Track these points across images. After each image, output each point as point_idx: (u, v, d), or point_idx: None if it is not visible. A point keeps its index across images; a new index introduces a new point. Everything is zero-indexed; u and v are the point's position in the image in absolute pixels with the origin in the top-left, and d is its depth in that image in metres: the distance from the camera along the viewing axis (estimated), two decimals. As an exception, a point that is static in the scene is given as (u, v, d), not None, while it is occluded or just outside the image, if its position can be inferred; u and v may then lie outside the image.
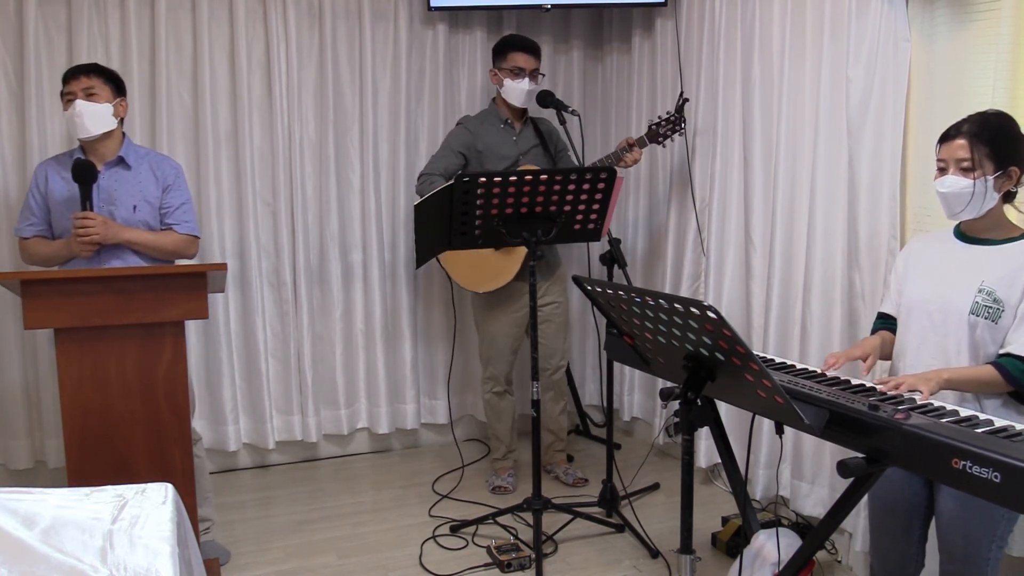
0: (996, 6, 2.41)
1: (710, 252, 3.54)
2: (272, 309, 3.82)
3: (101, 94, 2.74)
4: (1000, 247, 2.04)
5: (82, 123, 2.70)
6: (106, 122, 2.75)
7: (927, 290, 2.11)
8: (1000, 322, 1.97)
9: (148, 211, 2.82)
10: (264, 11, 3.66)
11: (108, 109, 2.75)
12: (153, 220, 2.83)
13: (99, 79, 2.76)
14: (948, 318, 2.05)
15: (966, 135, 1.99)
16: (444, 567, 2.95)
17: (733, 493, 2.87)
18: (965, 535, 2.00)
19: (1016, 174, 1.99)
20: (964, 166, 1.98)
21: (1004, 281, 1.98)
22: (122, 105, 2.82)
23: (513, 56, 3.42)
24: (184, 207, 2.88)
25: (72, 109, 2.70)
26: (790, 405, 1.71)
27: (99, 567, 1.71)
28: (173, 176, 2.87)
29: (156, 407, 2.46)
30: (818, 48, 2.95)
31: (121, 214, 2.76)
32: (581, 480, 3.69)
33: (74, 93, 2.71)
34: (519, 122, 3.53)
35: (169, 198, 2.85)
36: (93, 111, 2.71)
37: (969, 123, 2.01)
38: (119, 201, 2.77)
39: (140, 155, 2.86)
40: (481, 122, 3.53)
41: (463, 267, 3.46)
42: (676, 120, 3.45)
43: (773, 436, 3.22)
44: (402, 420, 4.10)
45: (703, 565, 2.96)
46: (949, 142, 2.03)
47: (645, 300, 1.84)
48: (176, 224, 2.86)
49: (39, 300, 2.33)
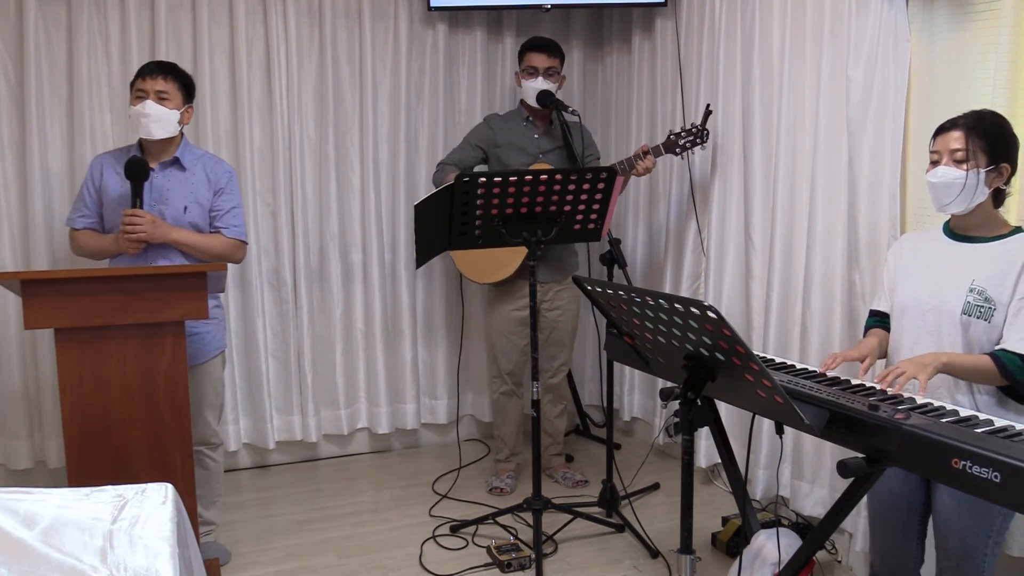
0: (996, 6, 2.41)
1: (710, 252, 3.54)
2: (272, 309, 3.82)
3: (172, 100, 2.73)
4: (989, 245, 2.05)
5: (147, 124, 2.70)
6: (171, 128, 2.75)
7: (920, 291, 2.12)
8: (993, 320, 1.99)
9: (198, 213, 2.81)
10: (264, 11, 3.66)
11: (175, 116, 2.75)
12: (203, 222, 2.83)
13: (174, 84, 2.74)
14: (941, 319, 2.06)
15: (962, 127, 2.03)
16: (444, 567, 2.95)
17: (733, 493, 2.87)
18: (962, 532, 2.01)
19: (1007, 171, 2.02)
20: (958, 157, 2.01)
21: (994, 280, 1.99)
22: (188, 112, 2.82)
23: (528, 56, 3.45)
24: (234, 211, 2.87)
25: (141, 107, 2.69)
26: (790, 405, 1.71)
27: (99, 567, 1.71)
28: (226, 180, 2.87)
29: (156, 407, 2.45)
30: (818, 48, 2.95)
31: (171, 214, 2.76)
32: (581, 482, 3.69)
33: (146, 92, 2.69)
34: (543, 123, 3.54)
35: (220, 201, 2.85)
36: (160, 115, 2.71)
37: (966, 117, 2.05)
38: (170, 201, 2.77)
39: (195, 156, 2.86)
40: (506, 120, 3.57)
41: (468, 258, 3.49)
42: (700, 133, 3.33)
43: (773, 436, 3.22)
44: (402, 420, 4.10)
45: (703, 565, 2.96)
46: (944, 134, 2.06)
47: (645, 300, 1.84)
48: (225, 228, 2.85)
49: (39, 300, 2.33)
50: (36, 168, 3.37)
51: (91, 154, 3.43)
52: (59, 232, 3.45)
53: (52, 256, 3.44)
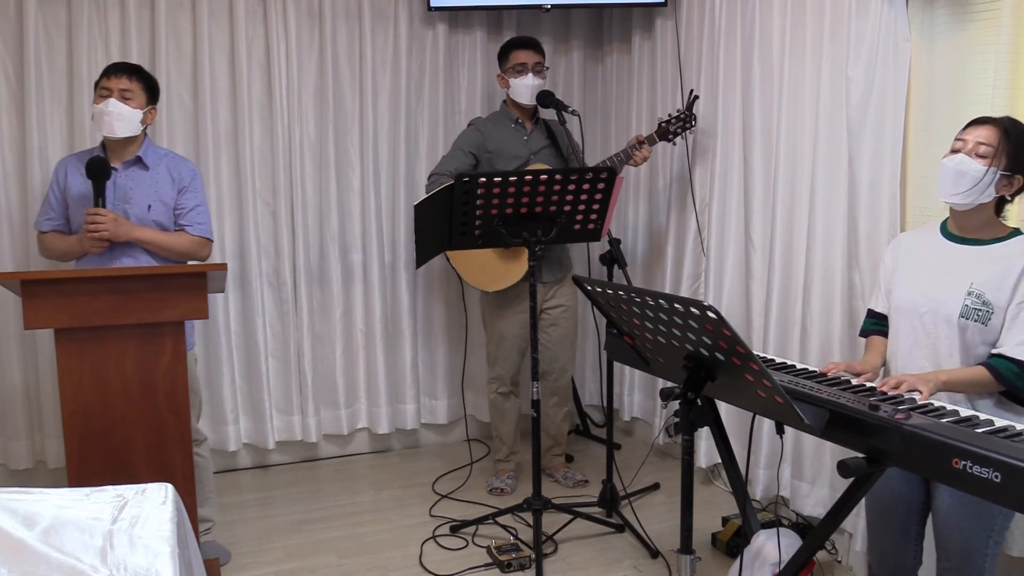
0: (996, 6, 2.41)
1: (710, 252, 3.54)
2: (272, 309, 3.82)
3: (136, 99, 2.76)
4: (988, 247, 2.05)
5: (110, 122, 2.72)
6: (132, 127, 2.77)
7: (917, 293, 2.12)
8: (990, 324, 1.98)
9: (162, 211, 2.82)
10: (264, 11, 3.66)
11: (138, 115, 2.77)
12: (167, 221, 2.84)
13: (139, 84, 2.78)
14: (938, 321, 2.06)
15: (1000, 126, 2.01)
16: (444, 567, 2.95)
17: (733, 493, 2.87)
18: (962, 531, 2.01)
19: (1018, 183, 2.02)
20: (982, 151, 1.99)
21: (993, 283, 1.99)
22: (151, 113, 2.84)
23: (514, 54, 3.44)
24: (198, 209, 2.89)
25: (104, 105, 2.72)
26: (790, 405, 1.71)
27: (99, 567, 1.71)
28: (189, 178, 2.88)
29: (156, 407, 2.45)
30: (818, 48, 2.95)
31: (135, 212, 2.78)
32: (581, 482, 3.69)
33: (110, 90, 2.73)
34: (530, 122, 3.54)
35: (184, 199, 2.86)
36: (123, 114, 2.73)
37: (1004, 120, 2.03)
38: (133, 200, 2.78)
39: (159, 156, 2.87)
40: (493, 123, 3.54)
41: (472, 267, 3.47)
42: (687, 117, 3.44)
43: (773, 436, 3.22)
44: (402, 420, 4.10)
45: (703, 565, 2.96)
46: (978, 126, 2.04)
47: (645, 300, 1.84)
48: (189, 225, 2.86)
49: (39, 300, 2.33)
50: (36, 168, 3.36)
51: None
52: (59, 232, 3.45)
53: (52, 256, 3.44)
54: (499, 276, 3.44)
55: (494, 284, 3.46)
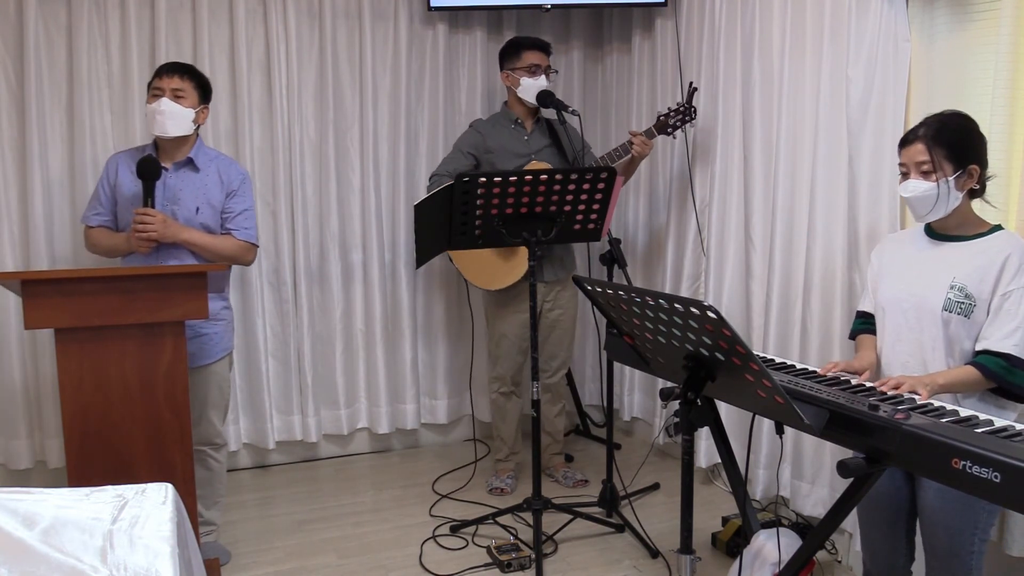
0: (996, 6, 2.41)
1: (710, 252, 3.54)
2: (272, 309, 3.82)
3: (188, 98, 2.77)
4: (969, 243, 2.07)
5: (162, 122, 2.73)
6: (185, 127, 2.77)
7: (900, 289, 2.15)
8: (973, 317, 2.01)
9: (210, 214, 2.82)
10: (264, 11, 3.66)
11: (190, 115, 2.77)
12: (214, 223, 2.84)
13: (191, 83, 2.78)
14: (922, 315, 2.08)
15: (923, 138, 2.03)
16: (444, 567, 2.95)
17: (733, 493, 2.87)
18: (947, 529, 2.03)
19: (976, 172, 2.03)
20: (924, 169, 2.03)
21: (974, 277, 2.02)
22: (204, 112, 2.84)
23: (528, 55, 3.44)
24: (245, 214, 2.88)
25: (156, 105, 2.72)
26: (790, 405, 1.71)
27: (99, 567, 1.71)
28: (239, 182, 2.88)
29: (156, 407, 2.45)
30: (818, 48, 2.95)
31: (183, 214, 2.78)
32: (581, 482, 3.69)
33: (162, 90, 2.73)
34: (531, 122, 3.54)
35: (232, 203, 2.86)
36: (175, 113, 2.73)
37: (926, 126, 2.05)
38: (182, 201, 2.78)
39: (210, 158, 2.87)
40: (493, 124, 3.55)
41: (474, 266, 3.48)
42: (686, 109, 3.44)
43: (773, 436, 3.22)
44: (402, 420, 4.10)
45: (703, 565, 2.96)
46: (908, 146, 2.07)
47: (645, 300, 1.84)
48: (235, 230, 2.86)
49: (39, 300, 2.33)
50: (36, 168, 3.36)
51: (91, 154, 3.44)
52: (59, 232, 3.45)
53: (52, 256, 3.44)
54: (501, 275, 3.45)
55: (496, 283, 3.47)
